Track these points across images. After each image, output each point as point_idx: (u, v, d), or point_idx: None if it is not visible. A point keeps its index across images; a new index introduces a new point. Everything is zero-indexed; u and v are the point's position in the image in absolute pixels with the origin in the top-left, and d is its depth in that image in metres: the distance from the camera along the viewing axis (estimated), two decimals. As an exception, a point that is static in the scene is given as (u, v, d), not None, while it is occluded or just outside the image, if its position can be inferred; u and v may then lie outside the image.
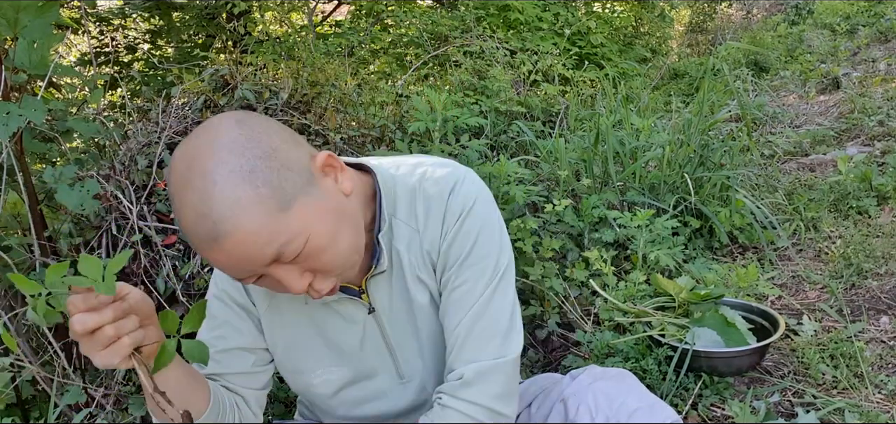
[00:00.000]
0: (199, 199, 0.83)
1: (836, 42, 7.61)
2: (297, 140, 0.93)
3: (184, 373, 1.03)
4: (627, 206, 2.80)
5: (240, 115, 0.90)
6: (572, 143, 3.25)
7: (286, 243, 0.87)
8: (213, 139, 0.86)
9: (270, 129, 0.90)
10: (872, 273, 2.57)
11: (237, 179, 0.83)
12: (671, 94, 5.54)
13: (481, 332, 1.03)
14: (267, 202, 0.84)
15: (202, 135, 0.88)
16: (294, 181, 0.88)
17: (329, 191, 0.93)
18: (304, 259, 0.90)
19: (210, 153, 0.84)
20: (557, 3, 6.64)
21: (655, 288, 2.22)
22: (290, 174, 0.87)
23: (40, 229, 1.71)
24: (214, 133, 0.87)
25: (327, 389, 1.16)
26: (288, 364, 1.16)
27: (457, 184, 1.05)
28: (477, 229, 1.04)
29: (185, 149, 0.87)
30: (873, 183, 3.31)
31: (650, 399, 1.12)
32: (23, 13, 1.50)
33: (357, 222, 0.97)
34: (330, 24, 6.34)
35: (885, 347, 2.11)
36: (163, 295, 1.83)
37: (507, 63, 4.49)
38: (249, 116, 0.90)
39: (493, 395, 1.02)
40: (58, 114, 1.94)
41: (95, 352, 0.86)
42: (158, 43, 5.01)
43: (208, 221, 0.83)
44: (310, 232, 0.88)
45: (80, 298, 0.84)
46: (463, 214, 1.04)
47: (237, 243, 0.84)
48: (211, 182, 0.83)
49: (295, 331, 1.12)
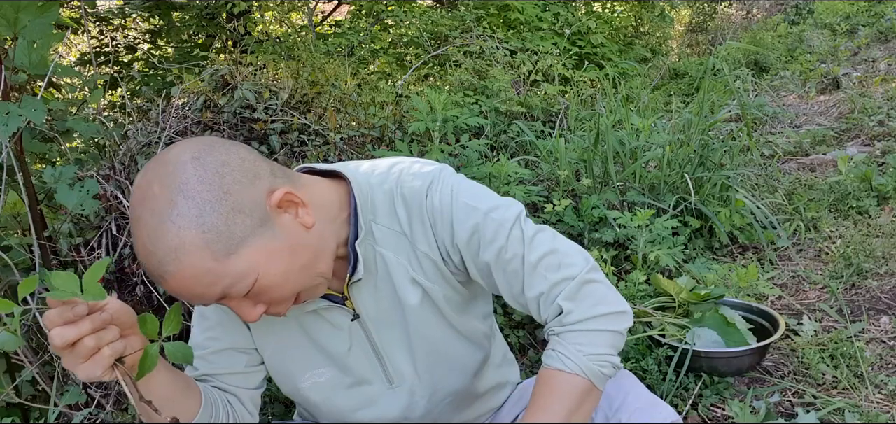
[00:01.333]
0: (148, 237, 0.84)
1: (836, 42, 7.61)
2: (257, 173, 0.91)
3: (171, 378, 1.02)
4: (627, 206, 2.80)
5: (198, 149, 0.88)
6: (572, 143, 3.25)
7: (231, 285, 0.88)
8: (168, 174, 0.85)
9: (227, 166, 0.87)
10: (872, 273, 2.57)
11: (184, 222, 0.84)
12: (671, 94, 5.54)
13: (546, 267, 1.01)
14: (212, 246, 0.85)
15: (158, 167, 0.87)
16: (244, 223, 0.87)
17: (285, 228, 0.92)
18: (254, 295, 0.91)
19: (162, 189, 0.84)
20: (557, 3, 6.64)
21: (655, 288, 2.22)
22: (240, 216, 0.87)
23: (40, 229, 1.71)
24: (171, 168, 0.86)
25: (316, 394, 1.15)
26: (276, 367, 1.16)
27: (433, 182, 1.04)
28: (473, 204, 1.03)
29: (142, 178, 0.87)
30: (873, 183, 3.31)
31: (650, 399, 1.12)
32: (23, 13, 1.50)
33: (318, 252, 0.96)
34: (330, 24, 6.34)
35: (885, 347, 2.11)
36: (163, 296, 1.83)
37: (507, 63, 4.49)
38: (208, 150, 0.88)
39: (596, 301, 1.01)
40: (58, 114, 1.94)
41: (77, 365, 0.85)
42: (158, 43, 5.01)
43: (154, 259, 0.85)
44: (257, 272, 0.89)
45: (56, 312, 0.83)
46: (450, 202, 1.03)
47: (181, 281, 0.86)
48: (159, 220, 0.84)
49: (283, 335, 1.12)
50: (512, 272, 1.02)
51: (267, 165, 0.93)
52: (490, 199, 1.04)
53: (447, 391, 1.17)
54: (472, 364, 1.18)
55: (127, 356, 0.90)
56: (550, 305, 1.02)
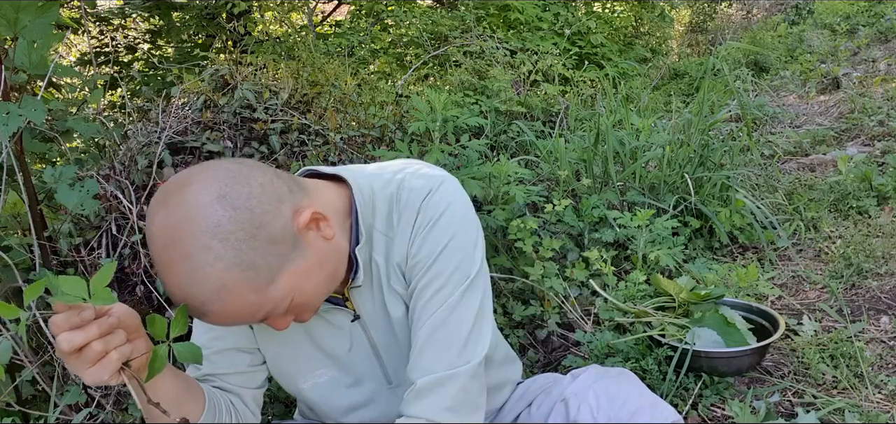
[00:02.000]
0: (186, 282, 0.84)
1: (836, 42, 7.61)
2: (280, 196, 0.90)
3: (176, 380, 1.02)
4: (627, 206, 2.80)
5: (219, 186, 0.85)
6: (572, 143, 3.25)
7: (272, 310, 0.91)
8: (195, 218, 0.83)
9: (253, 198, 0.86)
10: (872, 273, 2.57)
11: (223, 265, 0.84)
12: (671, 94, 5.54)
13: (440, 341, 1.00)
14: (253, 282, 0.86)
15: (180, 210, 0.84)
16: (279, 253, 0.88)
17: (312, 245, 0.93)
18: (288, 311, 0.94)
19: (191, 235, 0.83)
20: (557, 3, 6.64)
21: (655, 288, 2.22)
22: (274, 247, 0.88)
23: (40, 229, 1.71)
24: (195, 209, 0.83)
25: (317, 395, 1.16)
26: (278, 367, 1.16)
27: (432, 191, 1.02)
28: (447, 236, 1.01)
29: (165, 221, 0.84)
30: (873, 183, 3.31)
31: (651, 399, 1.12)
32: (23, 13, 1.50)
33: (339, 259, 0.99)
34: (330, 24, 6.34)
35: (885, 347, 2.11)
36: (162, 296, 1.83)
37: (507, 63, 4.49)
38: (230, 184, 0.86)
39: (444, 407, 0.98)
40: (58, 114, 1.94)
41: (84, 370, 0.84)
42: (158, 43, 5.00)
43: (195, 301, 0.86)
44: (295, 293, 0.92)
45: (63, 317, 0.82)
46: (433, 220, 1.01)
47: (224, 316, 0.88)
48: (195, 266, 0.83)
49: (284, 337, 1.12)
50: (422, 313, 1.02)
51: (283, 182, 0.93)
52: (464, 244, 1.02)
53: None
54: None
55: (133, 359, 0.90)
56: (418, 372, 1.00)
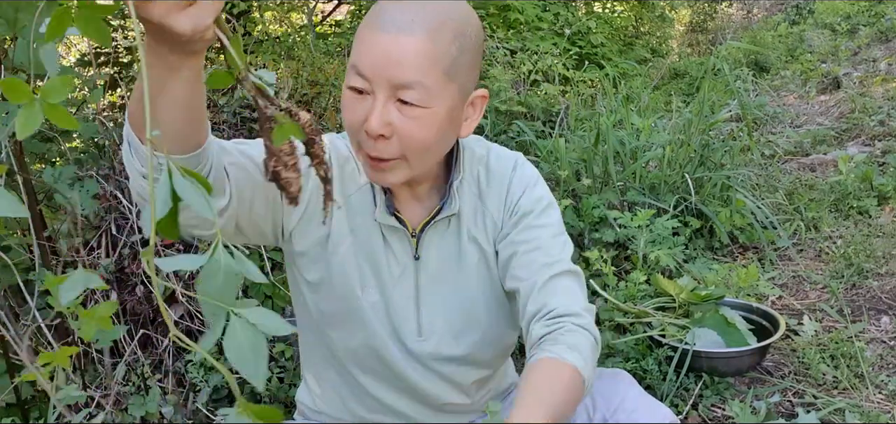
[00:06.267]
0: (404, 5, 0.95)
1: (836, 42, 7.60)
2: (478, 64, 1.04)
3: (201, 101, 0.82)
4: (628, 206, 2.80)
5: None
6: (572, 143, 3.25)
7: (422, 85, 0.94)
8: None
9: (476, 35, 1.01)
10: (873, 273, 2.57)
11: (447, 15, 0.96)
12: (671, 94, 5.54)
13: (566, 278, 1.08)
14: (445, 52, 0.95)
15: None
16: (463, 74, 0.99)
17: (462, 114, 1.03)
18: (408, 116, 0.96)
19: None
20: (557, 3, 6.64)
21: (656, 289, 2.22)
22: (466, 67, 0.99)
23: (40, 229, 1.71)
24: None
25: (371, 313, 1.10)
26: (339, 269, 1.08)
27: (518, 164, 1.16)
28: (543, 194, 1.15)
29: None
30: (874, 183, 3.31)
31: (647, 400, 1.12)
32: (22, 13, 1.50)
33: (446, 145, 1.05)
34: (330, 24, 6.33)
35: (885, 347, 2.11)
36: (163, 296, 1.83)
37: (507, 63, 4.49)
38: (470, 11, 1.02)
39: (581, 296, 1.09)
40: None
41: (177, 12, 0.65)
42: (158, 43, 5.00)
43: (394, 26, 0.93)
44: (434, 107, 0.96)
45: None
46: (529, 184, 1.14)
47: (403, 47, 0.93)
48: (421, 4, 0.96)
49: (350, 240, 1.09)
50: (534, 254, 1.08)
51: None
52: (554, 205, 1.16)
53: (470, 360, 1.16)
54: (501, 339, 1.18)
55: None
56: (563, 307, 1.04)
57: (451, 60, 0.96)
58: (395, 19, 0.94)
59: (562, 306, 1.03)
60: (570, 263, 1.10)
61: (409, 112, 0.95)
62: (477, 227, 1.12)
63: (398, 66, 0.93)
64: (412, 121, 0.96)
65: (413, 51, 0.94)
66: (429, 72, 0.94)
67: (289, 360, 1.94)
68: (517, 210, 1.11)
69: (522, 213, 1.11)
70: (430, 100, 0.95)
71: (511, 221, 1.12)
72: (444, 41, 0.95)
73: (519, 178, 1.14)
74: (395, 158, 0.98)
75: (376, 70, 0.94)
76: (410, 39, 0.94)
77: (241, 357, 0.49)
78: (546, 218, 1.12)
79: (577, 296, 1.06)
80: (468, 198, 1.12)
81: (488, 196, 1.13)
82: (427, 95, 0.95)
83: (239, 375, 0.51)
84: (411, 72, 0.94)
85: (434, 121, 0.97)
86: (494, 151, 1.17)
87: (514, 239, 1.10)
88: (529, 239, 1.09)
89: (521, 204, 1.12)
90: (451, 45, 0.96)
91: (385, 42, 0.94)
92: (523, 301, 1.06)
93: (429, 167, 1.05)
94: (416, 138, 0.97)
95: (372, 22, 0.96)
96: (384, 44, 0.94)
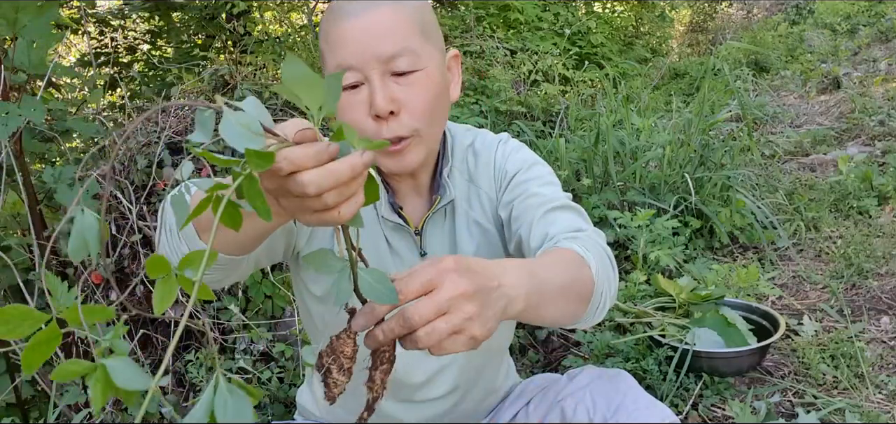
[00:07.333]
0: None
1: (836, 42, 7.60)
2: (438, 24, 1.07)
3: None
4: (628, 206, 2.80)
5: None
6: (572, 143, 3.25)
7: (409, 49, 0.96)
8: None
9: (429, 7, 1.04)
10: (873, 273, 2.57)
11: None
12: (671, 94, 5.54)
13: (564, 211, 1.08)
14: (414, 16, 0.98)
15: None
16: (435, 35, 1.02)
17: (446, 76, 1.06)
18: (406, 85, 0.97)
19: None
20: (557, 3, 6.64)
21: (656, 289, 2.22)
22: (434, 27, 1.03)
23: (40, 229, 1.71)
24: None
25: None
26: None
27: (502, 140, 1.18)
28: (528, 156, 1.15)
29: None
30: (874, 182, 3.31)
31: (647, 400, 1.12)
32: (22, 13, 1.50)
33: (444, 118, 1.07)
34: (330, 24, 6.33)
35: (885, 347, 2.11)
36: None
37: (507, 63, 4.49)
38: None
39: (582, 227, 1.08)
40: (57, 114, 1.94)
41: (327, 214, 0.65)
42: (158, 43, 5.00)
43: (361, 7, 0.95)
44: (426, 67, 0.99)
45: (309, 152, 0.63)
46: (513, 151, 1.16)
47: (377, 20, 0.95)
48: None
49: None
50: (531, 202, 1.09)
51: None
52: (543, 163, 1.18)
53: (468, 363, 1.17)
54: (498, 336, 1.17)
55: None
56: (570, 230, 1.04)
57: (421, 20, 1.00)
58: (358, 3, 0.97)
59: (564, 230, 1.02)
60: (568, 200, 1.10)
61: (407, 80, 0.98)
62: (474, 210, 1.14)
63: (382, 39, 0.96)
64: (412, 87, 0.98)
65: (389, 20, 0.97)
66: (409, 36, 0.97)
67: (289, 360, 1.94)
68: (506, 175, 1.14)
69: (512, 175, 1.13)
70: (420, 61, 0.98)
71: (502, 187, 1.14)
72: (408, 6, 0.99)
73: (502, 150, 1.16)
74: (410, 135, 1.00)
75: (363, 54, 0.96)
76: (382, 12, 0.96)
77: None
78: (534, 172, 1.14)
79: (578, 224, 1.06)
80: (460, 184, 1.14)
81: (478, 176, 1.15)
82: (416, 58, 0.98)
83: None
84: (396, 39, 0.96)
85: (431, 81, 1.00)
86: (481, 135, 1.20)
87: (509, 199, 1.12)
88: (522, 192, 1.11)
89: (507, 169, 1.14)
90: (415, 8, 1.00)
91: (360, 25, 0.96)
92: (526, 242, 1.06)
93: (437, 137, 1.07)
94: (422, 102, 0.99)
95: (337, 17, 0.98)
96: (360, 26, 0.96)
